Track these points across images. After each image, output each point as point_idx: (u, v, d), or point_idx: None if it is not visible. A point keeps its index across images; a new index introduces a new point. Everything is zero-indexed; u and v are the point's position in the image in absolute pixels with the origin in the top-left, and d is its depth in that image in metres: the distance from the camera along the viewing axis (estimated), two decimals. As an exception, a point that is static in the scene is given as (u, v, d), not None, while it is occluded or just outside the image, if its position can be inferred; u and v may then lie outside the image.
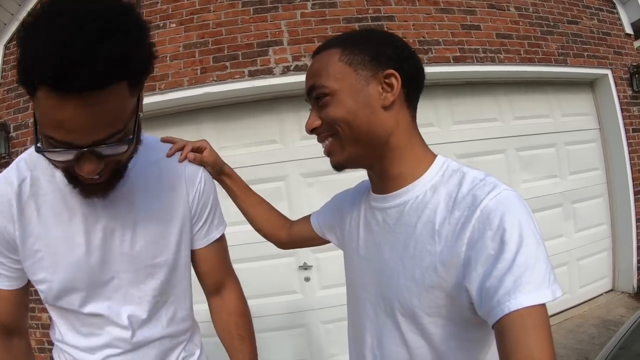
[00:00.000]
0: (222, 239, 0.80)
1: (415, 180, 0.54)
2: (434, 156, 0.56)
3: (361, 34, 0.56)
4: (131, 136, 0.50)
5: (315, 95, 0.54)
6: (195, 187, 0.72)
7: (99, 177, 0.51)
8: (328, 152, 0.56)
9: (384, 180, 0.57)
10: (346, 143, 0.54)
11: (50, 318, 0.70)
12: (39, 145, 0.46)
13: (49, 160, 0.48)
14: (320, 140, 0.57)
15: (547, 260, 0.42)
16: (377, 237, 0.58)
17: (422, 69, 0.56)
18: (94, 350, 0.66)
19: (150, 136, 0.72)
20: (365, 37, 0.55)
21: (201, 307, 0.84)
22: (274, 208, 0.89)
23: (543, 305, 0.40)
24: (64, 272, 0.61)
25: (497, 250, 0.43)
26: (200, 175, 0.74)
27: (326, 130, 0.55)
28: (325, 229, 0.77)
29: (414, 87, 0.55)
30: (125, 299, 0.66)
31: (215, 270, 0.79)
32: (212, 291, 0.81)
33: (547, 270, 0.42)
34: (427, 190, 0.53)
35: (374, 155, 0.55)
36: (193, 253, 0.76)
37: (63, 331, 0.67)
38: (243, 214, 0.88)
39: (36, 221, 0.61)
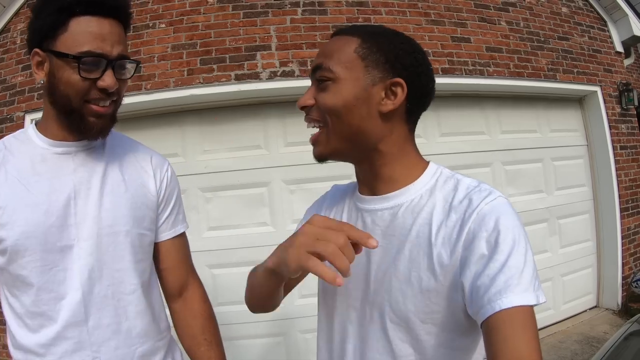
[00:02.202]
0: (185, 237, 0.81)
1: (409, 184, 0.53)
2: (427, 163, 0.56)
3: (387, 33, 0.54)
4: (133, 71, 0.65)
5: (318, 76, 0.52)
6: (163, 172, 0.77)
7: (109, 104, 0.63)
8: (313, 142, 0.55)
9: (374, 181, 0.55)
10: (332, 136, 0.52)
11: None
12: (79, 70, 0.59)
13: (82, 78, 0.59)
14: (307, 120, 0.55)
15: (535, 266, 0.44)
16: None
17: (433, 90, 0.55)
18: (47, 348, 0.63)
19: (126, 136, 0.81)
20: (389, 37, 0.53)
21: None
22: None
23: (531, 307, 0.42)
24: (20, 230, 0.61)
25: (490, 251, 0.44)
26: (167, 164, 0.79)
27: (315, 114, 0.53)
28: None
29: (419, 104, 0.54)
30: (82, 272, 0.64)
31: (178, 267, 0.78)
32: (174, 293, 0.79)
33: (534, 276, 0.43)
34: (422, 194, 0.52)
35: (361, 155, 0.54)
36: (157, 246, 0.76)
37: (14, 330, 0.65)
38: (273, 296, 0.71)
39: (2, 183, 0.64)
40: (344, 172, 0.62)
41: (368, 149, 0.53)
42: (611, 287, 2.75)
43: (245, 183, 2.09)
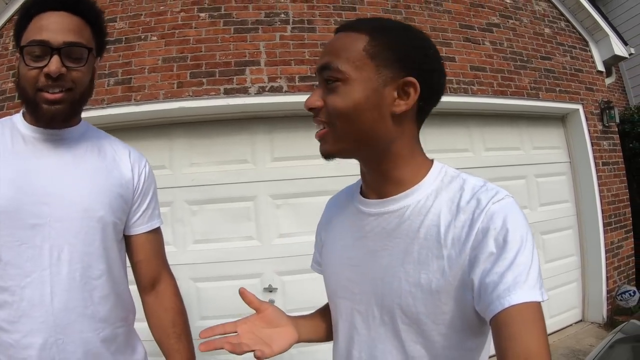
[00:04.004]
0: (160, 233, 0.84)
1: (415, 185, 0.52)
2: (431, 161, 0.55)
3: (396, 28, 0.51)
4: (86, 60, 0.67)
5: (326, 76, 0.50)
6: (141, 167, 0.79)
7: (59, 92, 0.64)
8: (320, 138, 0.52)
9: (383, 184, 0.54)
10: (341, 137, 0.50)
11: None
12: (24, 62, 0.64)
13: (28, 67, 0.63)
14: (315, 122, 0.52)
15: (539, 265, 0.45)
16: (371, 243, 0.55)
17: (444, 86, 0.54)
18: (13, 325, 0.63)
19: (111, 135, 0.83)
20: (399, 33, 0.51)
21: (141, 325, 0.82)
22: (324, 311, 0.70)
23: (539, 304, 0.42)
24: None
25: (499, 249, 0.44)
26: (145, 160, 0.82)
27: (324, 117, 0.50)
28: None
29: (430, 102, 0.52)
30: (52, 253, 0.65)
31: (152, 260, 0.80)
32: (147, 286, 0.80)
33: (539, 274, 0.44)
34: (428, 195, 0.52)
35: (370, 155, 0.53)
36: (132, 239, 0.79)
37: None
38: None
39: None
40: (331, 189, 0.63)
41: (378, 151, 0.52)
42: (596, 301, 2.78)
43: (232, 197, 2.10)
